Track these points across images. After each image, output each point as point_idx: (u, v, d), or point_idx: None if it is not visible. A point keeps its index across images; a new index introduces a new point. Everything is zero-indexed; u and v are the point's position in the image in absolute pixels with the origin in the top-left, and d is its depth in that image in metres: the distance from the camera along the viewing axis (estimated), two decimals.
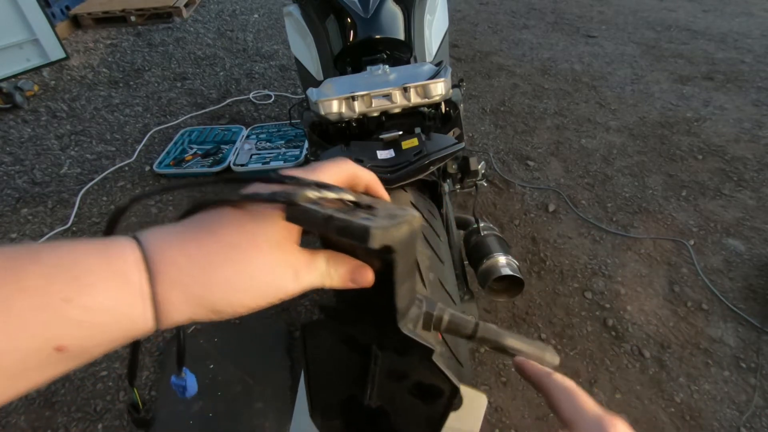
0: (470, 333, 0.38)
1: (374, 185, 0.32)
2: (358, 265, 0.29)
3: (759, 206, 1.82)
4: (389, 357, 0.36)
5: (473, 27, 3.44)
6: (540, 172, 2.05)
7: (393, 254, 0.27)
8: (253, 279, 0.25)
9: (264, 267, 0.26)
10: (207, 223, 0.26)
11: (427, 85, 0.86)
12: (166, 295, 0.24)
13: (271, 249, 0.26)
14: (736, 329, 1.40)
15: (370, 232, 0.23)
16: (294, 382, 1.30)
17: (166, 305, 0.24)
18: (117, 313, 0.22)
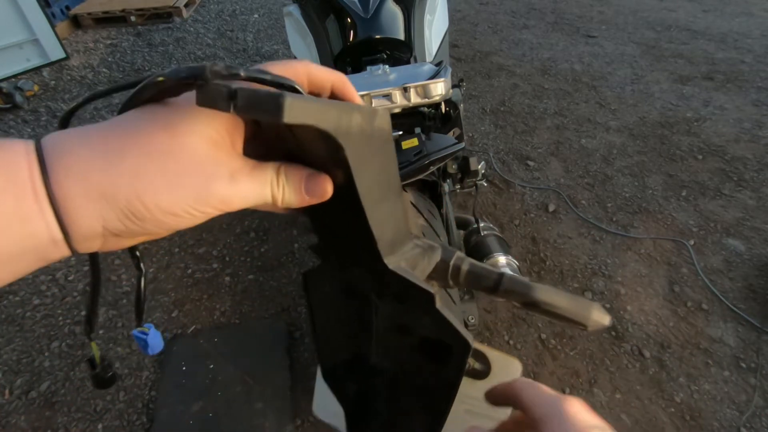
0: (493, 285, 0.33)
1: (341, 86, 0.26)
2: (312, 173, 0.25)
3: (759, 206, 1.82)
4: (390, 307, 0.32)
5: (473, 27, 3.44)
6: (540, 172, 2.05)
7: (342, 152, 0.22)
8: (173, 173, 0.20)
9: (187, 161, 0.21)
10: (117, 119, 0.22)
11: (427, 85, 0.86)
12: (63, 188, 0.19)
13: (198, 142, 0.21)
14: (736, 329, 1.40)
15: (282, 102, 0.18)
16: (294, 383, 1.30)
17: (65, 202, 0.20)
18: (7, 219, 0.19)
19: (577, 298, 0.32)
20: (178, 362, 1.34)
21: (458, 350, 0.31)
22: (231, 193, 0.22)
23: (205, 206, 0.21)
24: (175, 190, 0.21)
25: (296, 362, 1.35)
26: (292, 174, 0.24)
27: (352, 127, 0.22)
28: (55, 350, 1.40)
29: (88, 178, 0.20)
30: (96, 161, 0.20)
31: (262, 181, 0.23)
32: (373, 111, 0.24)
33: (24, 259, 0.20)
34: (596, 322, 0.31)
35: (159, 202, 0.20)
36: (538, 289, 0.32)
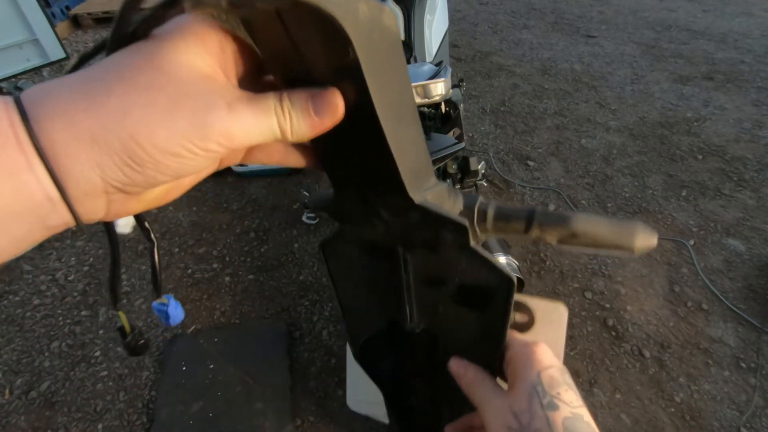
0: (525, 224, 0.30)
1: None
2: (318, 90, 0.22)
3: (759, 206, 1.82)
4: (420, 258, 0.30)
5: (473, 27, 3.44)
6: (540, 172, 2.05)
7: (352, 48, 0.19)
8: (164, 108, 0.18)
9: (178, 93, 0.19)
10: (99, 62, 0.20)
11: (427, 85, 0.86)
12: (48, 134, 0.18)
13: (188, 73, 0.19)
14: (736, 329, 1.40)
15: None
16: (294, 383, 1.30)
17: (54, 149, 0.17)
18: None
19: (619, 222, 0.28)
20: (178, 362, 1.34)
21: (501, 290, 0.28)
22: (231, 125, 0.19)
23: (206, 141, 0.19)
24: (170, 125, 0.18)
25: (296, 362, 1.35)
26: (296, 97, 0.21)
27: (360, 18, 0.19)
28: (55, 350, 1.40)
29: (74, 120, 0.18)
30: (79, 102, 0.18)
31: (265, 109, 0.21)
32: (380, 5, 0.20)
33: (21, 221, 0.18)
34: (642, 245, 0.28)
35: (155, 140, 0.18)
36: (575, 220, 0.28)
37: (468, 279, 0.29)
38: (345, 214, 0.31)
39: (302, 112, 0.21)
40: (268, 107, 0.21)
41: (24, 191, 0.17)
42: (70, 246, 1.76)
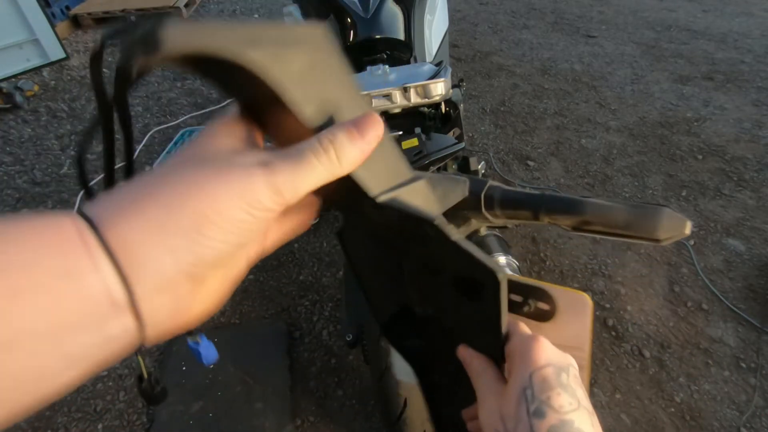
0: (534, 208, 0.28)
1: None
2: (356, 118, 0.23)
3: (759, 206, 1.82)
4: (415, 248, 0.30)
5: (473, 27, 3.44)
6: (540, 172, 2.05)
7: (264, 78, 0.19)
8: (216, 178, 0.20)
9: (220, 164, 0.20)
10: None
11: (427, 85, 0.86)
12: (114, 230, 0.18)
13: (221, 150, 0.22)
14: (736, 329, 1.40)
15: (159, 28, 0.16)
16: (294, 383, 1.30)
17: (122, 244, 0.17)
18: (50, 277, 0.16)
19: (640, 208, 0.26)
20: (178, 362, 1.34)
21: (489, 284, 0.27)
22: (272, 178, 0.20)
23: (257, 199, 0.20)
24: (226, 192, 0.19)
25: (296, 362, 1.35)
26: (336, 128, 0.22)
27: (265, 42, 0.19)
28: None
29: (138, 211, 0.18)
30: (140, 195, 0.19)
31: (299, 155, 0.21)
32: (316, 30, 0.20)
33: (78, 332, 0.16)
34: (669, 233, 0.25)
35: (218, 207, 0.19)
36: (587, 205, 0.27)
37: (459, 270, 0.29)
38: (343, 207, 0.31)
39: (348, 139, 0.22)
40: (301, 151, 0.21)
41: (85, 294, 0.16)
42: None
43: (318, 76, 0.21)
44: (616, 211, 0.26)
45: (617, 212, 0.26)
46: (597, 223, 0.27)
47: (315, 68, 0.20)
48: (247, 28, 0.18)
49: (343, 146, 0.21)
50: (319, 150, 0.21)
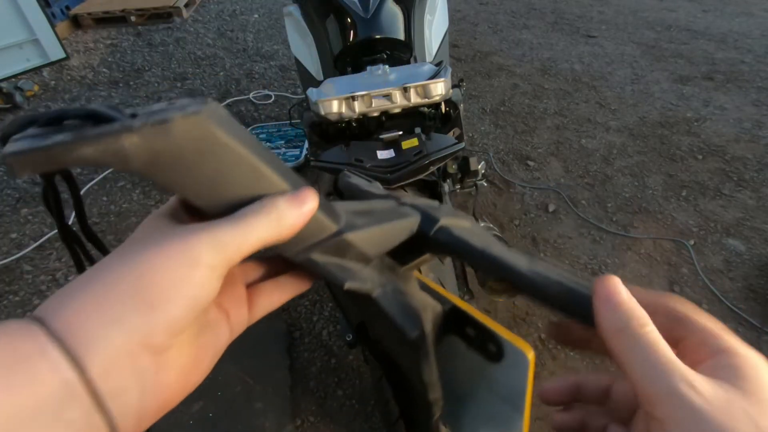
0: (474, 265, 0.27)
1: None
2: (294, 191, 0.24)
3: (759, 206, 1.82)
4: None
5: (473, 27, 3.44)
6: (540, 172, 2.05)
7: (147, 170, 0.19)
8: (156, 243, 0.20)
9: (163, 230, 0.21)
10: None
11: (427, 85, 0.86)
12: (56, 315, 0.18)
13: (169, 219, 0.22)
14: (736, 329, 1.40)
15: (6, 158, 0.17)
16: (294, 383, 1.30)
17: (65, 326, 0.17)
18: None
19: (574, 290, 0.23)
20: None
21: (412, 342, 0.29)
22: (216, 233, 0.20)
23: (199, 254, 0.20)
24: (167, 253, 0.19)
25: (296, 362, 1.35)
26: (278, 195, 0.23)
27: (129, 153, 0.18)
28: None
29: (79, 292, 0.18)
30: (80, 280, 0.19)
31: (242, 216, 0.21)
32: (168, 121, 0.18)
33: (37, 422, 0.16)
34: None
35: (158, 268, 0.19)
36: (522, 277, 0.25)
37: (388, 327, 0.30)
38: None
39: (288, 205, 0.22)
40: (243, 213, 0.22)
41: (38, 382, 0.16)
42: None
43: (206, 164, 0.20)
44: (550, 291, 0.24)
45: (551, 292, 0.24)
46: (531, 298, 0.26)
47: (202, 156, 0.19)
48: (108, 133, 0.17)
49: (284, 211, 0.22)
50: (261, 211, 0.22)
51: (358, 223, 0.27)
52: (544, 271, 0.25)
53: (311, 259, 0.26)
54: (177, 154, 0.19)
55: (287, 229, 0.22)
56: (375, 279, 0.29)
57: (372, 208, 0.30)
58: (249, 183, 0.22)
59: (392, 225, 0.29)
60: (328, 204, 0.26)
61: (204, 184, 0.21)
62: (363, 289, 0.28)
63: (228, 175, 0.21)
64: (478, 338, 0.33)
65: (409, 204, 0.32)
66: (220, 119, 0.20)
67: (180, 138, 0.18)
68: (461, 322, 0.34)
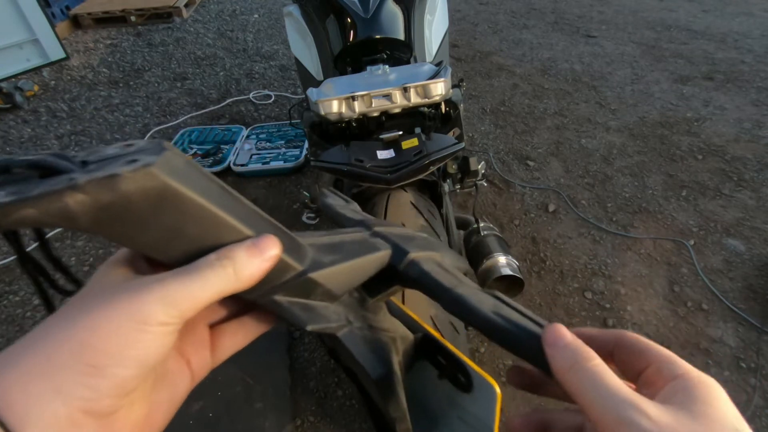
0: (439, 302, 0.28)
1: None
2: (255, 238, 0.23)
3: (759, 206, 1.82)
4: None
5: (473, 27, 3.44)
6: (540, 172, 2.05)
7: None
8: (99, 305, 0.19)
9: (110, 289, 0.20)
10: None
11: (427, 85, 0.86)
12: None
13: (113, 276, 0.22)
14: (736, 329, 1.40)
15: None
16: (294, 382, 1.30)
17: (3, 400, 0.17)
18: None
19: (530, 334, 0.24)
20: None
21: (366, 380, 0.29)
22: (168, 289, 0.20)
23: (148, 311, 0.19)
24: (110, 315, 0.19)
25: (296, 362, 1.35)
26: (236, 245, 0.22)
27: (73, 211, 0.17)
28: None
29: (18, 361, 0.18)
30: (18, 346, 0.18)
31: (197, 269, 0.21)
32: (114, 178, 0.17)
33: None
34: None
35: (101, 332, 0.18)
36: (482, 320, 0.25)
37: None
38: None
39: (247, 255, 0.22)
40: (197, 265, 0.21)
41: None
42: (70, 246, 1.77)
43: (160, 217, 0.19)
44: (511, 336, 0.24)
45: (511, 337, 0.24)
46: (494, 341, 0.26)
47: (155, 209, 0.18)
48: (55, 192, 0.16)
49: (242, 262, 0.21)
50: (215, 264, 0.21)
51: (325, 261, 0.27)
52: (507, 315, 0.25)
53: (274, 301, 0.25)
54: (127, 209, 0.18)
55: (246, 280, 0.22)
56: (341, 316, 0.29)
57: (342, 241, 0.29)
58: (207, 233, 0.21)
59: (361, 260, 0.29)
60: (294, 243, 0.25)
61: (159, 237, 0.20)
62: (327, 330, 0.27)
63: (184, 227, 0.20)
64: (449, 367, 0.33)
65: (381, 235, 0.32)
66: (175, 169, 0.18)
67: (130, 193, 0.17)
68: (433, 349, 0.35)
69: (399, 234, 0.32)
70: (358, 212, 0.38)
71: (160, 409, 0.23)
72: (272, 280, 0.24)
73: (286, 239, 0.25)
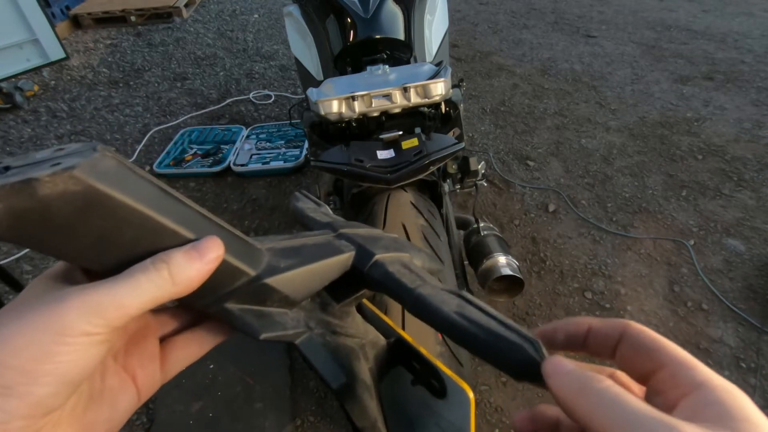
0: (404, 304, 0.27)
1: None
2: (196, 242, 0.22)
3: (759, 206, 1.82)
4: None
5: (473, 27, 3.44)
6: (540, 172, 2.05)
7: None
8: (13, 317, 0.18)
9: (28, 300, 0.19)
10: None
11: (427, 85, 0.86)
12: None
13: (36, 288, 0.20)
14: (736, 329, 1.40)
15: None
16: (294, 383, 1.30)
17: None
18: None
19: (501, 338, 0.22)
20: None
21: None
22: (93, 296, 0.18)
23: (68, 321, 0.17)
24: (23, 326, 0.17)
25: (296, 362, 1.35)
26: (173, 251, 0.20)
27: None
28: None
29: None
30: None
31: (129, 275, 0.19)
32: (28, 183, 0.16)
33: None
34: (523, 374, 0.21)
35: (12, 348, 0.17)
36: (449, 323, 0.23)
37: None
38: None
39: (185, 259, 0.20)
40: (131, 271, 0.20)
41: None
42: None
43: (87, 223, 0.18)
44: (478, 338, 0.23)
45: (479, 339, 0.23)
46: (457, 342, 0.24)
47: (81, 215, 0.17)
48: None
49: (179, 266, 0.20)
50: (150, 269, 0.19)
51: (282, 265, 0.25)
52: (472, 316, 0.24)
53: (225, 309, 0.24)
54: (48, 216, 0.16)
55: (184, 284, 0.20)
56: (300, 323, 0.28)
57: (303, 245, 0.28)
58: (144, 238, 0.20)
59: (322, 264, 0.27)
60: (246, 247, 0.24)
61: (89, 245, 0.19)
62: (283, 338, 0.26)
63: (118, 233, 0.19)
64: (423, 372, 0.33)
65: (346, 237, 0.31)
66: (104, 172, 0.17)
67: (50, 198, 0.16)
68: (407, 354, 0.34)
69: (366, 235, 0.31)
70: (328, 215, 0.37)
71: (96, 430, 0.21)
72: (221, 286, 0.23)
73: (236, 242, 0.23)
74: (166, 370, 0.25)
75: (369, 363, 0.32)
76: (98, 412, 0.21)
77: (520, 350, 0.21)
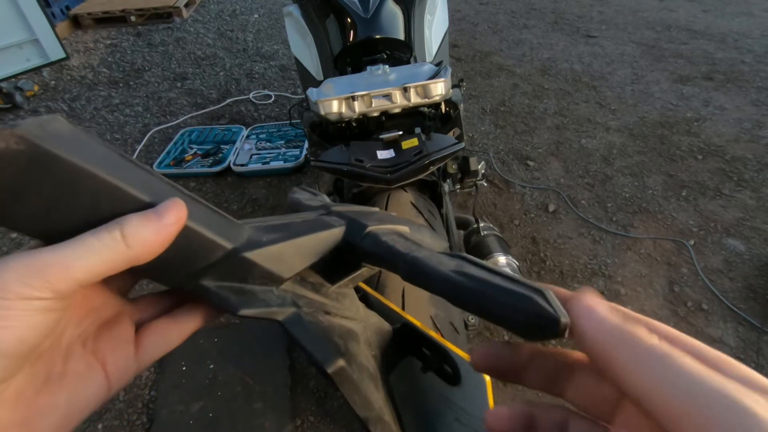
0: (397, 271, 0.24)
1: None
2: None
3: (759, 206, 1.82)
4: None
5: (473, 27, 3.44)
6: (540, 172, 2.05)
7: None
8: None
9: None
10: None
11: (427, 85, 0.86)
12: None
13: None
14: (736, 329, 1.40)
15: None
16: (294, 383, 1.30)
17: None
18: None
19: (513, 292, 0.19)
20: (177, 362, 1.34)
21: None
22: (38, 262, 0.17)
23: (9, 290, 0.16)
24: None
25: (296, 362, 1.35)
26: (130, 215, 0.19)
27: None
28: None
29: None
30: None
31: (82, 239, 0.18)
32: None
33: None
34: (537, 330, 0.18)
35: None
36: (448, 283, 0.21)
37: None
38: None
39: (141, 221, 0.19)
40: (83, 235, 0.18)
41: None
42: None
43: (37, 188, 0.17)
44: (473, 297, 0.20)
45: (485, 295, 0.20)
46: (460, 305, 0.21)
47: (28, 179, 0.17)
48: None
49: (134, 227, 0.18)
50: (101, 231, 0.18)
51: (264, 239, 0.24)
52: (474, 273, 0.20)
53: (202, 286, 0.23)
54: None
55: (141, 248, 0.19)
56: (286, 300, 0.26)
57: (291, 222, 0.26)
58: (99, 204, 0.19)
59: (308, 238, 0.25)
60: (222, 220, 0.23)
61: (36, 211, 0.17)
62: (265, 315, 0.24)
63: (70, 197, 0.18)
64: (435, 359, 0.31)
65: (338, 213, 0.29)
66: (52, 133, 0.17)
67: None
68: (416, 341, 0.32)
69: (359, 211, 0.30)
70: (325, 202, 0.35)
71: (50, 416, 0.19)
72: (194, 259, 0.22)
73: (210, 215, 0.22)
74: (141, 358, 0.24)
75: (373, 350, 0.30)
76: (55, 396, 0.20)
77: (531, 302, 0.18)
